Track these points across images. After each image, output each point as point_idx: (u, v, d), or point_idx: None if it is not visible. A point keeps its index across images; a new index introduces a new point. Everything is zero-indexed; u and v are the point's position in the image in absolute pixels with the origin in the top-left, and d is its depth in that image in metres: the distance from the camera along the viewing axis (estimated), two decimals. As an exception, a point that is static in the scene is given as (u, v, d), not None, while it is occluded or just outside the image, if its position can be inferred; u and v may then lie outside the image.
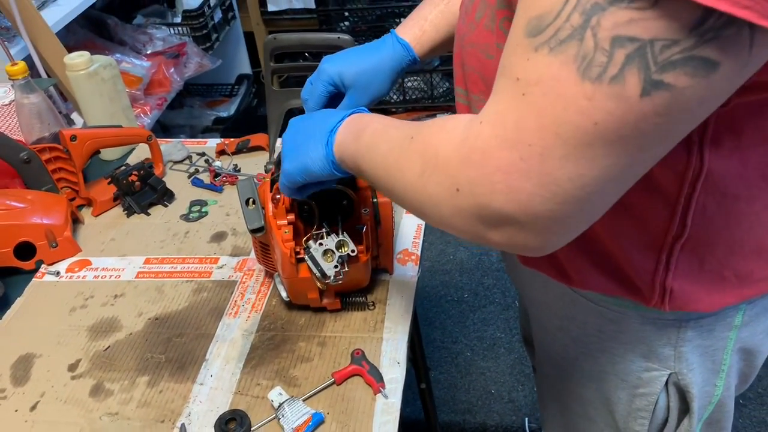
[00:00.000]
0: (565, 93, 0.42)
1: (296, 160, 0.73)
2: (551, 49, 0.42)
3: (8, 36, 1.58)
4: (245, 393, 0.83)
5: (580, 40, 0.40)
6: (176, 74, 2.30)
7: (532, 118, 0.44)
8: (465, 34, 0.72)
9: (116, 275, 1.04)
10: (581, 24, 0.40)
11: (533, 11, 0.43)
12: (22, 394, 0.86)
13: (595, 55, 0.40)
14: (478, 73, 0.70)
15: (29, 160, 1.13)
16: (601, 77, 0.40)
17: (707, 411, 0.80)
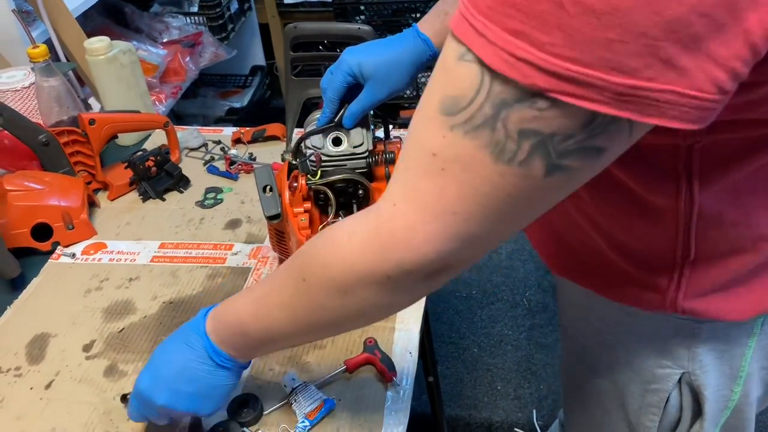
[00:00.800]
0: (482, 171, 0.47)
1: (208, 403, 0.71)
2: (466, 132, 0.46)
3: (29, 20, 1.59)
4: (258, 377, 0.84)
5: (492, 129, 0.45)
6: (191, 63, 2.31)
7: (453, 190, 0.48)
8: None
9: (131, 259, 1.04)
10: (492, 115, 0.45)
11: (449, 90, 0.47)
12: (37, 373, 0.87)
13: (506, 144, 0.45)
14: None
15: (47, 142, 1.14)
16: (512, 161, 0.45)
17: (723, 416, 0.80)
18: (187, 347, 0.68)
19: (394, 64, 0.86)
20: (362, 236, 0.54)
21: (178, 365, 0.68)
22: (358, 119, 0.89)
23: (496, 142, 0.45)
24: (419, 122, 0.51)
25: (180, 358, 0.68)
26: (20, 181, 1.07)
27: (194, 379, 0.68)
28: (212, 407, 0.71)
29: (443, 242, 0.50)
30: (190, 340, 0.68)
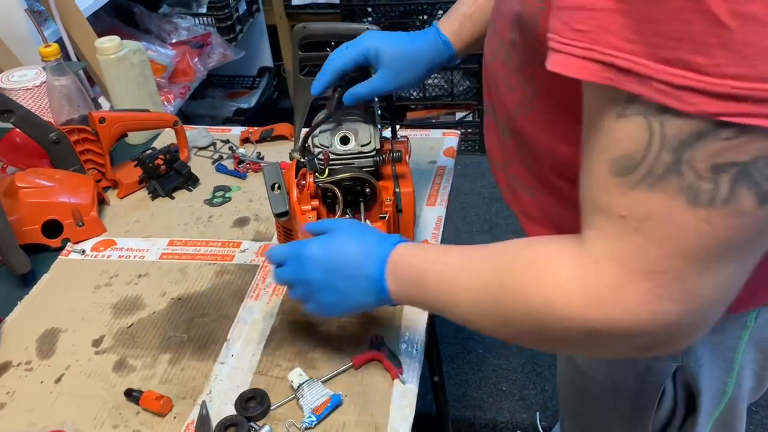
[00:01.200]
0: (682, 222, 0.43)
1: (340, 305, 0.73)
2: (651, 186, 0.43)
3: (41, 19, 1.61)
4: (265, 373, 0.84)
5: (679, 174, 0.42)
6: (200, 64, 2.33)
7: (655, 249, 0.45)
8: (489, 59, 0.74)
9: (140, 256, 1.06)
10: (674, 160, 0.42)
11: (615, 151, 0.45)
12: (47, 367, 0.88)
13: (701, 185, 0.42)
14: (502, 100, 0.72)
15: (58, 140, 1.15)
16: (714, 202, 0.42)
17: (717, 410, 0.81)
18: (364, 257, 0.69)
19: (413, 57, 0.86)
20: (569, 282, 0.51)
21: (347, 262, 0.70)
22: (359, 101, 0.87)
23: (689, 186, 0.42)
24: (593, 189, 0.48)
25: (353, 259, 0.70)
26: (31, 178, 1.08)
27: (350, 280, 0.70)
28: (339, 312, 0.74)
29: (658, 303, 0.47)
30: (370, 253, 0.69)
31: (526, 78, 0.66)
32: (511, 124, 0.73)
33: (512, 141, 0.75)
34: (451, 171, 1.19)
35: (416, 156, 1.21)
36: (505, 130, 0.76)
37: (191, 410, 0.81)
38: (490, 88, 0.78)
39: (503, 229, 2.36)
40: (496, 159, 0.83)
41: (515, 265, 0.56)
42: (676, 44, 0.38)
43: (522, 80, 0.67)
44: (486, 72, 0.78)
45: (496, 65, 0.72)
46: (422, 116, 2.86)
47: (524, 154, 0.74)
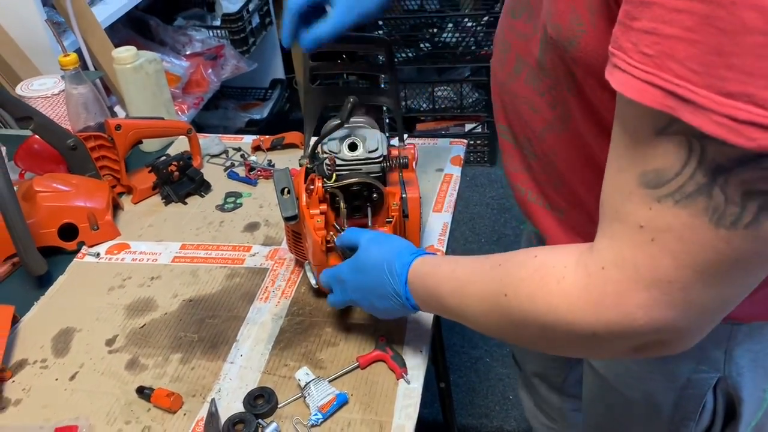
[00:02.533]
0: (700, 239, 0.45)
1: (390, 315, 0.81)
2: (677, 202, 0.45)
3: (60, 30, 1.65)
4: (273, 372, 0.86)
5: (708, 196, 0.43)
6: (213, 75, 2.37)
7: (667, 260, 0.47)
8: (504, 81, 0.75)
9: (153, 259, 1.08)
10: (707, 182, 0.43)
11: (648, 165, 0.46)
12: (62, 365, 0.91)
13: (727, 208, 0.43)
14: (525, 122, 0.74)
15: (75, 147, 1.18)
16: (736, 225, 0.43)
17: (756, 417, 0.80)
18: (389, 277, 0.75)
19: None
20: (572, 287, 0.53)
21: (377, 282, 0.76)
22: (320, 43, 0.83)
23: (715, 207, 0.43)
24: (615, 197, 0.50)
25: (380, 279, 0.75)
26: (49, 183, 1.11)
27: (384, 298, 0.76)
28: (388, 317, 0.82)
29: (658, 310, 0.49)
30: (392, 272, 0.74)
31: (556, 100, 0.67)
32: (537, 145, 0.74)
33: (538, 162, 0.76)
34: (458, 179, 1.21)
35: (423, 164, 1.23)
36: (529, 152, 0.77)
37: (201, 407, 0.83)
38: (506, 110, 0.78)
39: (511, 240, 2.38)
40: (518, 182, 0.83)
41: (519, 276, 0.58)
42: (746, 78, 0.38)
43: (551, 102, 0.68)
44: (500, 94, 0.78)
45: (516, 87, 0.73)
46: (431, 128, 2.89)
47: (550, 174, 0.75)
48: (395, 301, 0.75)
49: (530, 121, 0.72)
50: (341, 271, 0.81)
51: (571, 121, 0.67)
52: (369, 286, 0.77)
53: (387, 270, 0.75)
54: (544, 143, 0.73)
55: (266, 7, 2.86)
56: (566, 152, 0.70)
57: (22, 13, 1.56)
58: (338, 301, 0.84)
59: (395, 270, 0.74)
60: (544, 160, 0.75)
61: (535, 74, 0.68)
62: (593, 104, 0.62)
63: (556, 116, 0.68)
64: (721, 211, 0.43)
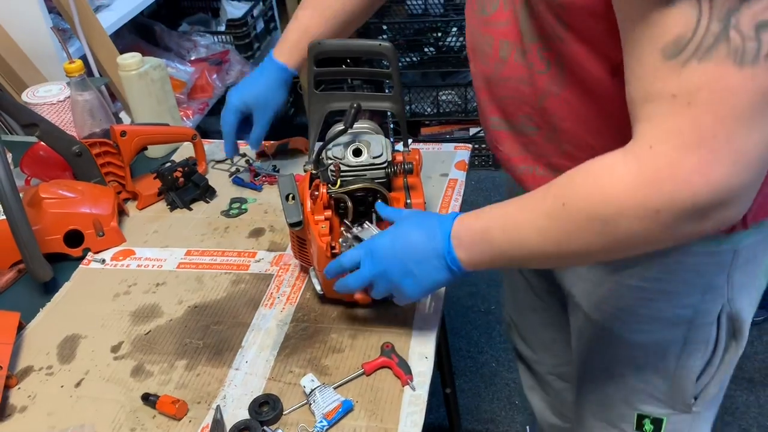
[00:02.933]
0: (730, 85, 0.49)
1: (419, 288, 0.79)
2: (700, 59, 0.49)
3: (66, 37, 1.66)
4: (278, 379, 0.86)
5: (726, 41, 0.48)
6: (218, 80, 2.37)
7: (708, 117, 0.51)
8: (491, 74, 0.79)
9: (158, 265, 1.08)
10: (722, 29, 0.48)
11: (665, 38, 0.51)
12: (68, 371, 0.91)
13: (746, 46, 0.48)
14: (521, 100, 0.77)
15: (81, 153, 1.19)
16: (757, 59, 0.48)
17: None
18: (428, 239, 0.75)
19: (267, 89, 1.11)
20: (625, 172, 0.57)
21: (415, 247, 0.76)
22: (260, 141, 1.18)
23: (735, 49, 0.48)
24: (644, 80, 0.54)
25: (419, 243, 0.76)
26: (54, 189, 1.12)
27: (422, 262, 0.76)
28: (418, 294, 0.79)
29: (710, 169, 0.53)
30: (433, 233, 0.75)
31: (548, 60, 0.71)
32: (537, 118, 0.78)
33: (540, 135, 0.79)
34: (463, 183, 1.21)
35: (428, 169, 1.23)
36: (530, 129, 0.80)
37: (206, 414, 0.83)
38: (497, 101, 0.81)
39: (517, 244, 2.37)
40: (521, 164, 0.85)
41: (573, 185, 0.62)
42: None
43: (543, 66, 0.72)
44: (488, 90, 0.81)
45: (506, 72, 0.76)
46: (436, 132, 2.88)
47: (555, 140, 0.78)
48: (435, 263, 0.75)
49: (526, 96, 0.76)
50: (375, 240, 0.80)
51: (566, 74, 0.71)
52: (407, 249, 0.76)
53: (428, 231, 0.75)
54: (544, 112, 0.75)
55: (271, 12, 2.87)
56: (567, 108, 0.73)
57: (27, 20, 1.57)
58: (366, 276, 0.80)
59: (437, 228, 0.75)
60: (546, 129, 0.78)
61: (522, 49, 0.73)
62: (586, 40, 0.66)
63: (551, 77, 0.72)
64: (741, 50, 0.48)
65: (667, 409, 0.88)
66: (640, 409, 0.90)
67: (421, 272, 0.76)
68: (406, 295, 0.80)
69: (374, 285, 0.81)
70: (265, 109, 1.12)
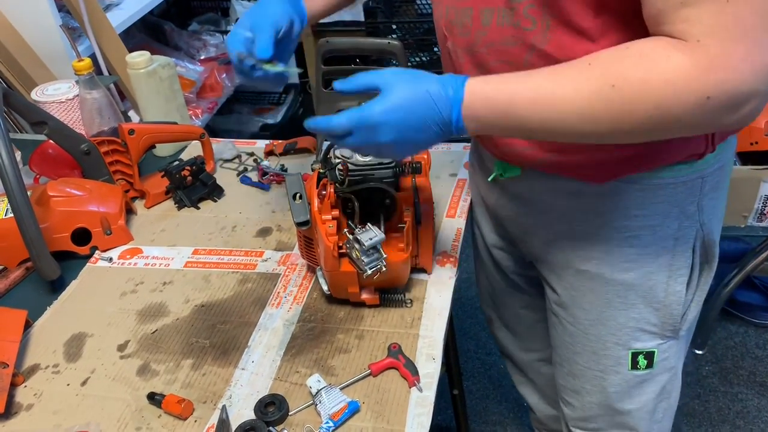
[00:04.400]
0: None
1: (405, 152, 0.77)
2: None
3: (75, 35, 1.66)
4: (284, 379, 0.86)
5: None
6: (227, 80, 2.37)
7: (746, 10, 0.58)
8: (474, 42, 0.80)
9: (165, 264, 1.08)
10: None
11: None
12: (74, 370, 0.90)
13: None
14: (506, 62, 0.77)
15: (89, 151, 1.19)
16: None
17: None
18: (433, 105, 0.70)
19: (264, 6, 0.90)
20: (682, 61, 0.61)
21: (417, 116, 0.71)
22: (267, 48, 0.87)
23: None
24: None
25: (422, 111, 0.71)
26: (62, 187, 1.12)
27: (422, 130, 0.72)
28: (401, 157, 0.81)
29: (756, 56, 0.59)
30: (438, 99, 0.70)
31: (535, 15, 0.73)
32: None
33: None
34: (472, 184, 1.20)
35: (437, 169, 1.22)
36: None
37: (212, 414, 0.82)
38: (484, 68, 0.81)
39: (526, 245, 2.36)
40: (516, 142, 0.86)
41: (624, 65, 0.64)
42: None
43: (530, 21, 0.73)
44: (472, 60, 0.81)
45: (489, 37, 0.78)
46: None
47: None
48: (435, 130, 0.71)
49: (512, 56, 0.77)
50: (369, 112, 0.71)
51: (552, 25, 0.72)
52: (409, 122, 0.71)
53: (432, 97, 0.70)
54: (531, 68, 0.73)
55: (280, 11, 2.87)
56: (552, 60, 0.73)
57: (37, 18, 1.58)
58: (355, 146, 0.76)
59: (444, 95, 0.70)
60: None
61: (506, 11, 0.75)
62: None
63: (539, 30, 0.73)
64: None
65: (658, 340, 0.92)
66: (634, 346, 0.92)
67: (416, 138, 0.73)
68: (387, 157, 0.79)
69: (357, 146, 0.77)
70: (264, 21, 0.88)
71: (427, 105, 0.70)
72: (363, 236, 0.86)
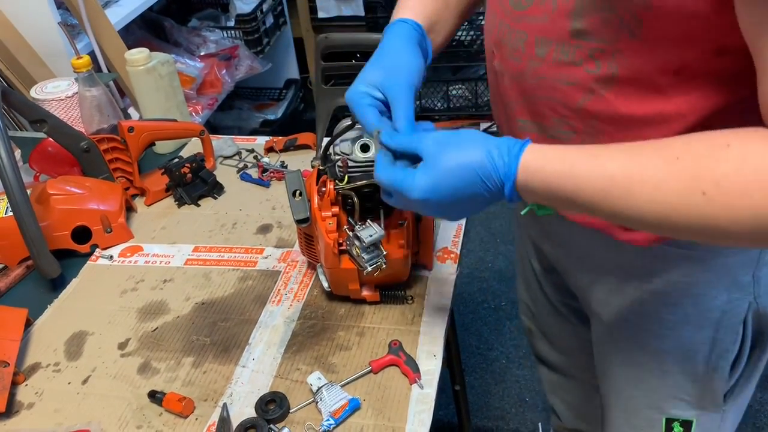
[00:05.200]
0: None
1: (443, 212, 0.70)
2: None
3: (74, 33, 1.66)
4: (285, 377, 0.86)
5: None
6: (227, 76, 2.37)
7: None
8: (523, 71, 0.73)
9: (166, 261, 1.08)
10: None
11: None
12: (75, 368, 0.90)
13: None
14: (558, 101, 0.71)
15: (89, 149, 1.19)
16: None
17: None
18: (481, 182, 0.64)
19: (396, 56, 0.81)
20: None
21: (463, 193, 0.65)
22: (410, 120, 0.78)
23: None
24: None
25: (468, 188, 0.64)
26: (62, 185, 1.11)
27: (468, 204, 0.66)
28: (457, 218, 0.72)
29: None
30: (487, 174, 0.63)
31: (602, 58, 0.65)
32: (575, 120, 0.72)
33: (576, 139, 0.73)
34: (472, 179, 1.19)
35: (437, 165, 1.22)
36: (564, 133, 0.74)
37: (212, 412, 0.82)
38: (528, 101, 0.75)
39: (527, 240, 2.35)
40: None
41: (721, 171, 0.54)
42: None
43: (594, 64, 0.66)
44: (518, 88, 0.75)
45: (541, 70, 0.71)
46: (446, 127, 2.87)
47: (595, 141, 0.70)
48: (485, 202, 0.65)
49: (565, 96, 0.70)
50: (409, 186, 0.66)
51: (620, 72, 0.64)
52: (449, 198, 0.65)
53: (480, 172, 0.63)
54: (585, 114, 0.69)
55: (280, 7, 2.86)
56: (613, 110, 0.67)
57: (35, 15, 1.57)
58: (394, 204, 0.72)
59: (495, 168, 0.63)
60: (584, 133, 0.72)
61: (566, 47, 0.67)
62: (656, 40, 0.61)
63: (603, 75, 0.66)
64: None
65: (696, 410, 0.85)
66: (669, 413, 0.86)
67: (462, 211, 0.68)
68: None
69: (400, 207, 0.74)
70: (399, 78, 0.78)
71: (475, 181, 0.64)
72: (363, 233, 0.85)
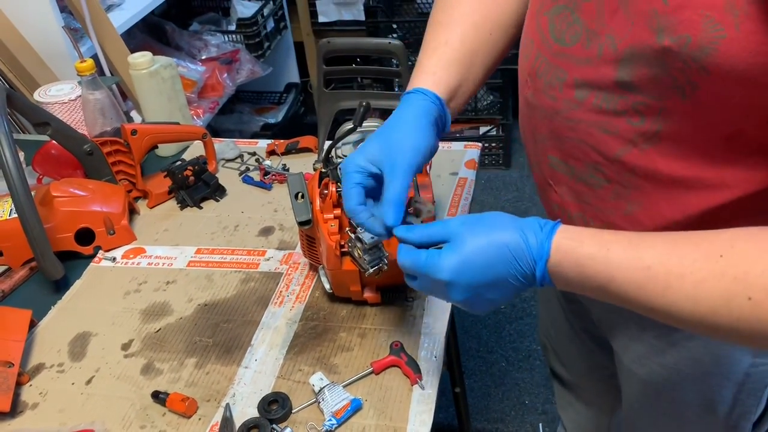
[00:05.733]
0: None
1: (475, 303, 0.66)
2: None
3: (77, 36, 1.67)
4: (287, 377, 0.86)
5: None
6: (229, 79, 2.38)
7: None
8: (560, 110, 0.69)
9: (169, 263, 1.09)
10: None
11: None
12: (78, 369, 0.91)
13: None
14: (591, 147, 0.68)
15: (92, 152, 1.19)
16: None
17: None
18: (512, 261, 0.61)
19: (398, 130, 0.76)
20: None
21: (493, 273, 0.62)
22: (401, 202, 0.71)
23: None
24: None
25: (498, 268, 0.62)
26: (66, 188, 1.12)
27: (499, 288, 0.63)
28: (485, 311, 0.67)
29: None
30: (518, 253, 0.61)
31: (646, 113, 0.62)
32: (609, 169, 0.68)
33: (607, 189, 0.70)
34: (473, 182, 1.20)
35: (438, 168, 1.23)
36: (596, 180, 0.70)
37: (215, 412, 0.83)
38: (561, 140, 0.72)
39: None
40: (573, 211, 0.76)
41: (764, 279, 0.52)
42: None
43: (638, 117, 0.63)
44: (551, 125, 0.72)
45: (579, 113, 0.67)
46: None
47: (624, 198, 0.69)
48: (517, 285, 0.62)
49: (601, 144, 0.66)
50: (435, 269, 0.64)
51: (664, 130, 0.62)
52: (479, 280, 0.62)
53: (511, 251, 0.61)
54: (621, 166, 0.66)
55: (281, 11, 2.87)
56: (653, 166, 0.64)
57: (39, 19, 1.58)
58: (419, 288, 0.70)
59: (526, 247, 0.60)
60: (618, 184, 0.68)
61: (610, 95, 0.64)
62: (724, 103, 0.58)
63: (644, 131, 0.63)
64: None
65: None
66: None
67: (492, 296, 0.64)
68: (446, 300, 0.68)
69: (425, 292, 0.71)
70: (400, 159, 0.72)
71: (506, 261, 0.61)
72: (365, 235, 0.86)
